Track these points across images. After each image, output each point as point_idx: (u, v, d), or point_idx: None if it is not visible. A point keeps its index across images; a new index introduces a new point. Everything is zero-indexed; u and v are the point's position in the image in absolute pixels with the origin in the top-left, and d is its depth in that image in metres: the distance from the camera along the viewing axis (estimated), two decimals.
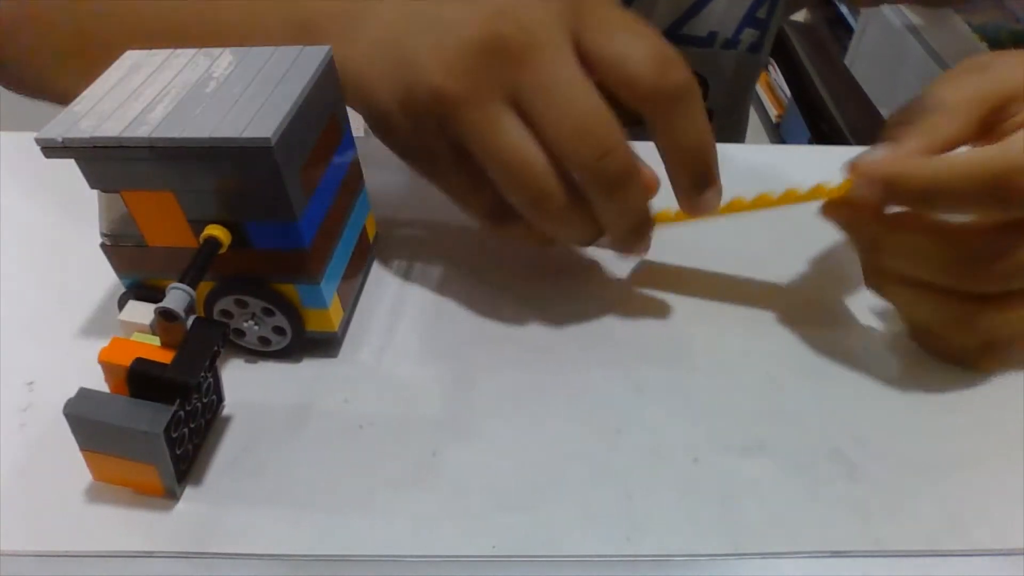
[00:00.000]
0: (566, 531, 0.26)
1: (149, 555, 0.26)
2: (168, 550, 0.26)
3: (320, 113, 0.29)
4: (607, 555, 0.26)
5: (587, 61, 0.28)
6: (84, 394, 0.25)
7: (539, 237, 0.32)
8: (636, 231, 0.31)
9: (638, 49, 0.27)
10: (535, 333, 0.33)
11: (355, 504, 0.27)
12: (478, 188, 0.30)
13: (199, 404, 0.28)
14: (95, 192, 0.29)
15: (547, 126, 0.28)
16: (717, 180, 0.30)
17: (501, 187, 0.29)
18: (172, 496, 0.27)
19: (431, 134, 0.29)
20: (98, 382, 0.31)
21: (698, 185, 0.29)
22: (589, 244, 0.33)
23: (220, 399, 0.30)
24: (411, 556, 0.26)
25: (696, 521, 0.27)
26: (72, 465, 0.28)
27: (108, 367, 0.25)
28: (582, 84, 0.27)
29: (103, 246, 0.30)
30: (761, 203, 0.31)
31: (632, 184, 0.29)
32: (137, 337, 0.26)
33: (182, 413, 0.26)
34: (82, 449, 0.26)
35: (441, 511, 0.27)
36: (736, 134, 0.65)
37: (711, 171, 0.29)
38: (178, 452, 0.26)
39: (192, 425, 0.27)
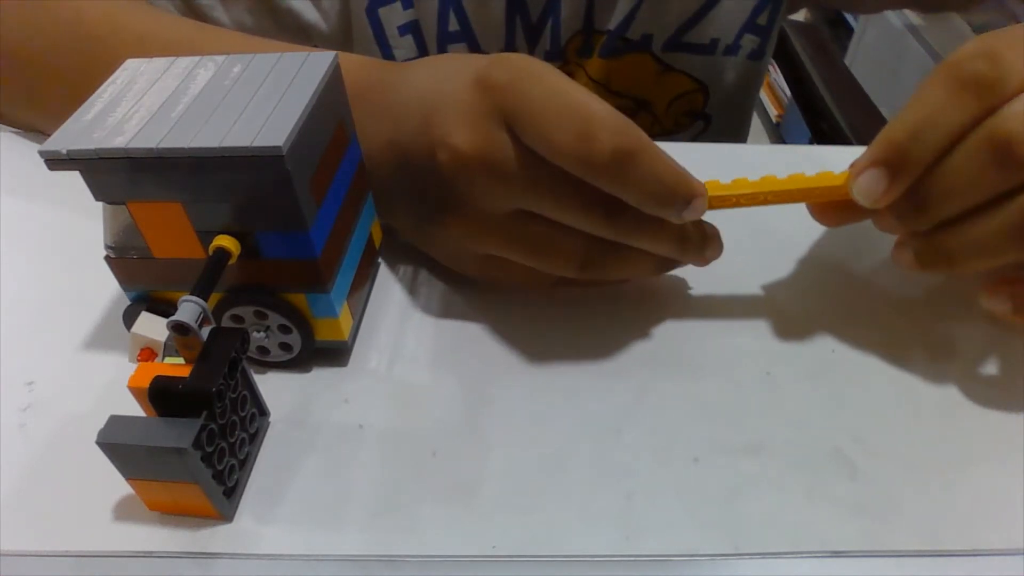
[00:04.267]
0: (566, 531, 0.26)
1: (149, 555, 0.26)
2: (168, 550, 0.26)
3: (328, 120, 0.29)
4: (607, 555, 0.26)
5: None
6: (114, 420, 0.25)
7: (633, 267, 0.32)
8: (667, 201, 0.29)
9: (558, 133, 0.27)
10: (537, 336, 0.33)
11: (355, 505, 0.27)
12: (554, 242, 0.30)
13: (235, 417, 0.27)
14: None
15: (536, 139, 0.28)
16: (694, 192, 0.29)
17: (556, 213, 0.29)
18: (226, 518, 0.27)
19: (486, 215, 0.30)
20: (98, 382, 0.31)
21: (676, 210, 0.29)
22: (677, 254, 0.32)
23: (263, 412, 0.29)
24: (411, 556, 0.26)
25: (696, 521, 0.27)
26: (72, 465, 0.28)
27: (138, 392, 0.25)
28: (561, 88, 0.28)
29: (107, 258, 0.30)
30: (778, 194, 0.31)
31: (633, 157, 0.27)
32: (167, 360, 0.26)
33: (213, 427, 0.25)
34: (127, 479, 0.26)
35: (441, 511, 0.27)
36: (738, 138, 0.65)
37: (682, 197, 0.28)
38: (219, 468, 0.26)
39: (232, 440, 0.27)
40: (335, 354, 0.32)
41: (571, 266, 0.31)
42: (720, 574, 0.25)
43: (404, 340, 0.33)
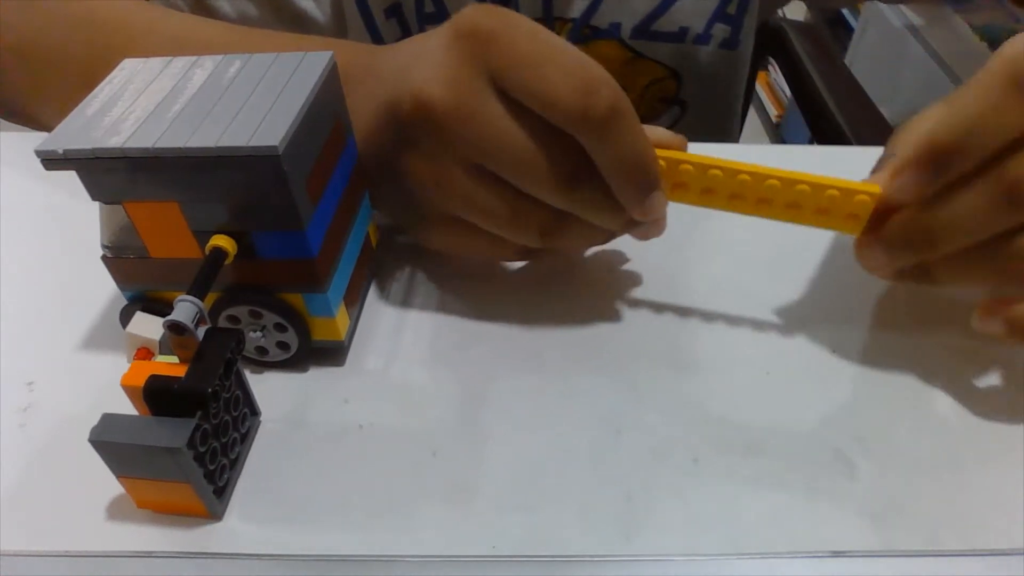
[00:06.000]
0: (566, 531, 0.26)
1: (149, 555, 0.26)
2: (168, 550, 0.26)
3: (325, 120, 0.29)
4: (607, 555, 0.26)
5: (513, 97, 0.28)
6: (107, 419, 0.25)
7: (588, 239, 0.32)
8: (639, 176, 0.29)
9: (560, 84, 0.27)
10: (536, 336, 0.33)
11: (354, 504, 0.27)
12: (515, 209, 0.30)
13: (227, 417, 0.27)
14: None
15: (532, 88, 0.28)
16: (659, 184, 0.30)
17: (517, 176, 0.29)
18: (215, 516, 0.27)
19: (449, 166, 0.30)
20: (97, 383, 0.31)
21: (642, 191, 0.29)
22: (618, 225, 0.31)
23: (254, 412, 0.29)
24: (411, 556, 0.26)
25: (696, 521, 0.27)
26: (72, 465, 0.28)
27: (131, 391, 0.25)
28: (554, 41, 0.28)
29: (104, 258, 0.29)
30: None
31: (624, 118, 0.28)
32: (160, 359, 0.26)
33: (207, 426, 0.25)
34: (118, 477, 0.26)
35: (441, 511, 0.27)
36: (728, 133, 0.64)
37: (652, 178, 0.29)
38: (211, 467, 0.26)
39: (224, 440, 0.27)
40: (332, 354, 0.32)
41: (531, 233, 0.31)
42: (720, 574, 0.25)
43: (402, 340, 0.33)
